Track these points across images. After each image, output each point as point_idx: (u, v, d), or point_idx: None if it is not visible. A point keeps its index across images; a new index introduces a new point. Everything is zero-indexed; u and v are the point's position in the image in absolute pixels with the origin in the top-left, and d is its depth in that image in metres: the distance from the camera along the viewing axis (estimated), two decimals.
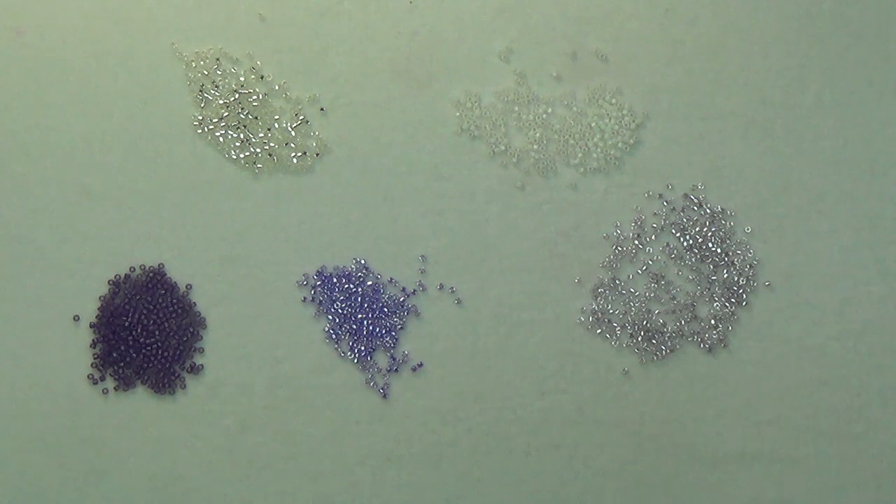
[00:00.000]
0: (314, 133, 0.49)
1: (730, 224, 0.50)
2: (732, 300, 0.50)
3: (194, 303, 0.49)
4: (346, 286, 0.49)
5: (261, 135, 0.49)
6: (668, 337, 0.50)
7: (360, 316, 0.49)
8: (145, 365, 0.49)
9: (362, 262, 0.49)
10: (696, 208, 0.50)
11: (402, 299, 0.49)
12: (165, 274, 0.49)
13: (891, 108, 0.50)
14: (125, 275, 0.49)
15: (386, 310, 0.49)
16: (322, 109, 0.49)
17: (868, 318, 0.50)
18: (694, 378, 0.50)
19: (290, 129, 0.49)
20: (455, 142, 0.50)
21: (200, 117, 0.49)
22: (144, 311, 0.49)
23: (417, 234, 0.49)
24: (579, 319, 0.50)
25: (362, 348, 0.49)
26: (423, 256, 0.50)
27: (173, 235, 0.49)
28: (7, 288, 0.49)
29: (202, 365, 0.49)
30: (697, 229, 0.50)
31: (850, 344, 0.50)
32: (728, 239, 0.50)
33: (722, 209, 0.50)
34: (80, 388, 0.49)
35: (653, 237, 0.50)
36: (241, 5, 0.49)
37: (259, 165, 0.49)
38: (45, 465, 0.49)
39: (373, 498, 0.49)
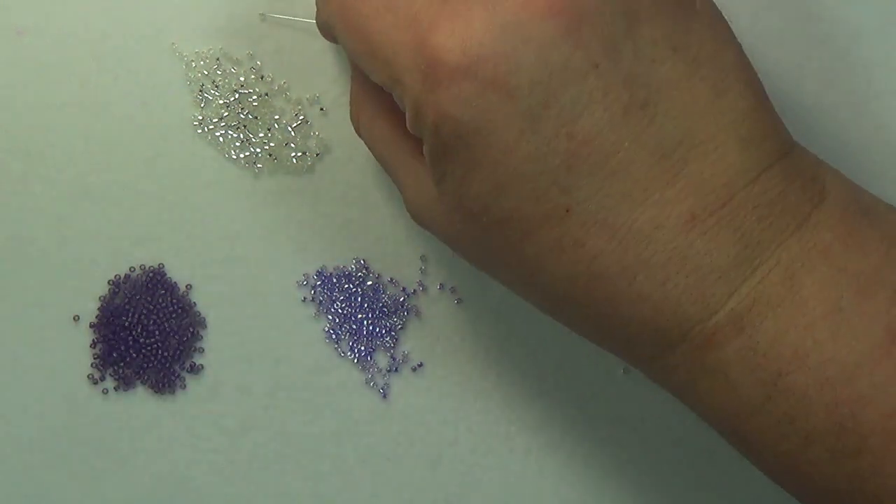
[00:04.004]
0: (314, 133, 0.49)
1: None
2: None
3: (194, 303, 0.49)
4: (346, 286, 0.49)
5: (261, 135, 0.49)
6: None
7: (360, 316, 0.49)
8: (145, 365, 0.49)
9: (362, 262, 0.49)
10: None
11: (402, 299, 0.49)
12: (165, 274, 0.49)
13: (891, 108, 0.50)
14: (125, 275, 0.49)
15: (386, 310, 0.49)
16: (322, 109, 0.49)
17: None
18: None
19: (290, 129, 0.49)
20: None
21: (200, 117, 0.49)
22: (144, 311, 0.49)
23: (417, 234, 0.49)
24: None
25: (362, 348, 0.49)
26: (423, 256, 0.50)
27: (173, 235, 0.49)
28: (7, 288, 0.49)
29: (202, 365, 0.49)
30: None
31: None
32: None
33: None
34: (80, 388, 0.49)
35: None
36: (241, 5, 0.49)
37: (259, 165, 0.49)
38: (45, 465, 0.49)
39: (373, 498, 0.49)
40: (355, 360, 0.49)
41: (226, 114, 0.49)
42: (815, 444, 0.35)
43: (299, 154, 0.49)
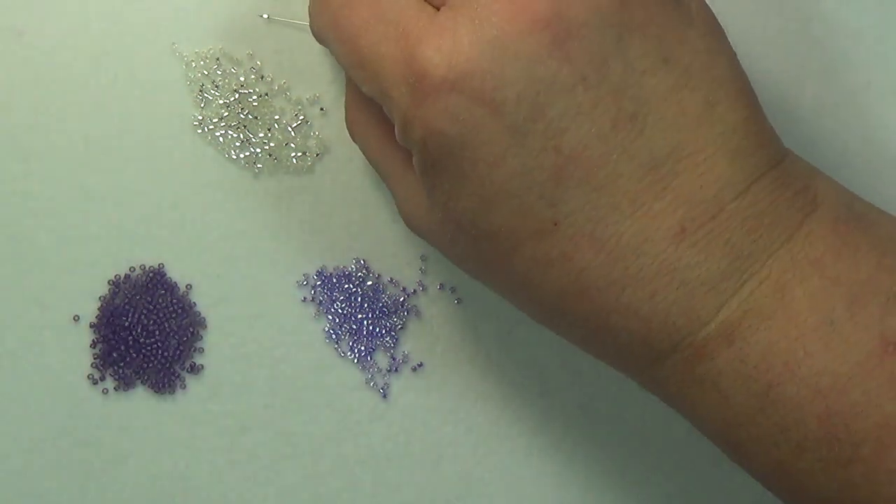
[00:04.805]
0: (314, 133, 0.49)
1: None
2: None
3: (194, 303, 0.49)
4: (346, 286, 0.49)
5: (261, 135, 0.49)
6: None
7: (360, 316, 0.49)
8: (145, 365, 0.49)
9: (362, 262, 0.49)
10: None
11: (402, 299, 0.49)
12: (165, 274, 0.49)
13: (891, 109, 0.50)
14: (125, 275, 0.49)
15: (386, 310, 0.49)
16: (322, 109, 0.49)
17: None
18: None
19: (290, 129, 0.49)
20: None
21: (200, 117, 0.49)
22: (144, 311, 0.49)
23: None
24: None
25: (362, 348, 0.49)
26: (423, 256, 0.50)
27: (173, 235, 0.49)
28: (7, 288, 0.49)
29: (202, 365, 0.49)
30: None
31: None
32: None
33: None
34: (80, 388, 0.49)
35: None
36: (241, 5, 0.49)
37: (259, 165, 0.49)
38: (45, 465, 0.49)
39: (373, 498, 0.49)
40: (355, 360, 0.49)
41: (226, 114, 0.49)
42: (807, 454, 0.35)
43: (299, 154, 0.49)
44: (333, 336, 0.49)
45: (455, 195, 0.36)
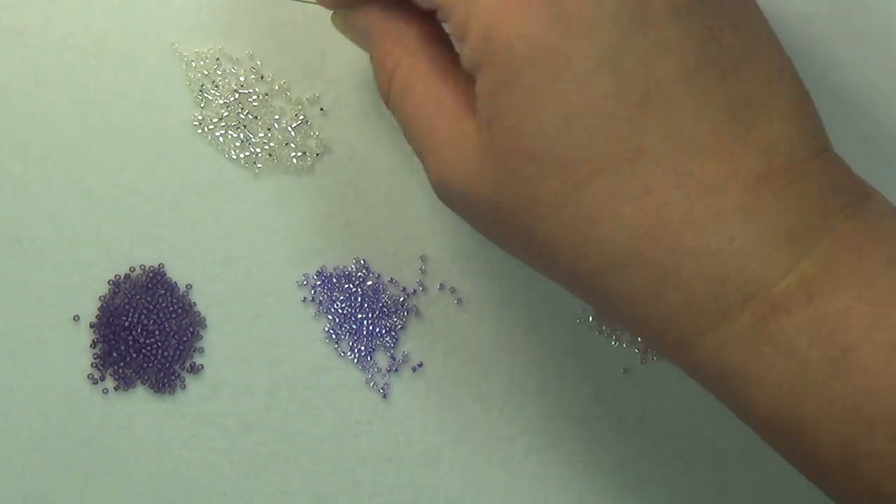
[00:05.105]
0: (314, 133, 0.49)
1: None
2: None
3: (194, 303, 0.49)
4: (346, 286, 0.49)
5: (261, 135, 0.49)
6: None
7: (360, 316, 0.49)
8: (145, 365, 0.49)
9: (362, 262, 0.49)
10: None
11: (402, 299, 0.49)
12: (165, 274, 0.49)
13: (891, 108, 0.50)
14: (125, 275, 0.49)
15: (386, 310, 0.49)
16: (322, 109, 0.49)
17: None
18: None
19: (290, 129, 0.49)
20: None
21: (200, 117, 0.49)
22: (144, 311, 0.49)
23: (417, 234, 0.49)
24: (579, 319, 0.50)
25: (362, 348, 0.49)
26: (423, 256, 0.50)
27: (173, 235, 0.49)
28: (7, 288, 0.49)
29: (202, 365, 0.49)
30: None
31: None
32: None
33: None
34: (80, 388, 0.49)
35: None
36: (241, 5, 0.49)
37: (259, 165, 0.49)
38: (45, 465, 0.49)
39: (373, 498, 0.49)
40: (355, 360, 0.49)
41: (226, 114, 0.49)
42: (878, 433, 0.33)
43: (299, 154, 0.49)
44: (333, 336, 0.49)
45: (531, 113, 0.35)
